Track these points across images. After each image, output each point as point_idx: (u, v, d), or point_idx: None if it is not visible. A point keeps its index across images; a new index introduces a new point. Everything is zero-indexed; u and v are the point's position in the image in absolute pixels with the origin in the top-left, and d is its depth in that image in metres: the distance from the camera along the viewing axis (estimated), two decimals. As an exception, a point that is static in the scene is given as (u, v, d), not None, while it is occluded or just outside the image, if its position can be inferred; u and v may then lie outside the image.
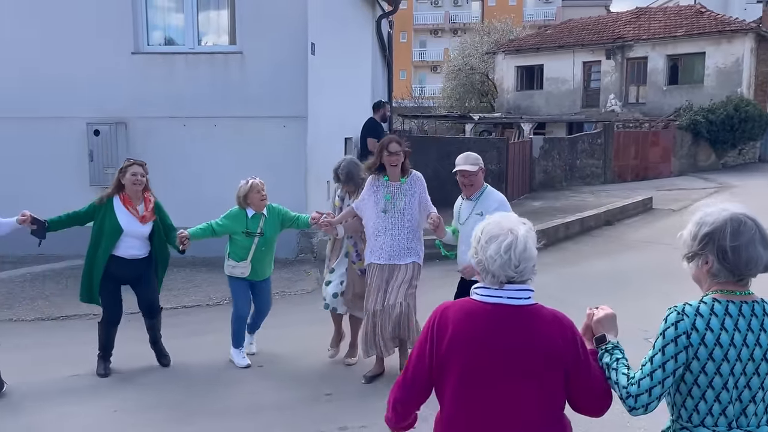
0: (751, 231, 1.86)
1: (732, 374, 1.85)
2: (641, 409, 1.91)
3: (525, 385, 1.91)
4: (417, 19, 55.74)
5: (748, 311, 1.88)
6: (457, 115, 26.68)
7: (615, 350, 2.03)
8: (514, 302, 1.94)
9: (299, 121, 8.88)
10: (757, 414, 1.89)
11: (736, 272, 1.89)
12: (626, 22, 25.45)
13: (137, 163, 5.04)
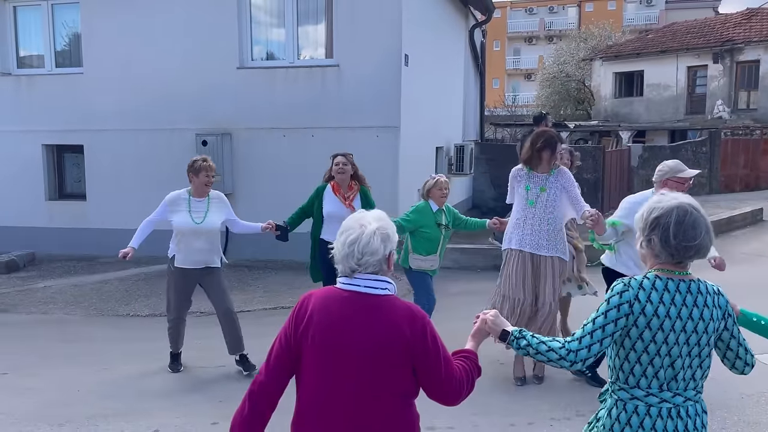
0: (693, 220, 2.07)
1: (666, 343, 2.06)
2: (579, 363, 2.11)
3: (373, 371, 2.02)
4: (511, 27, 55.08)
5: (685, 289, 2.09)
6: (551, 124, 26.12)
7: (523, 333, 2.20)
8: (371, 291, 2.05)
9: (392, 131, 9.10)
10: (685, 379, 2.10)
11: (676, 255, 2.09)
12: (736, 24, 24.04)
13: (341, 153, 5.50)
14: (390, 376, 2.03)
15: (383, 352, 2.01)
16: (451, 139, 12.71)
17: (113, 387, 5.08)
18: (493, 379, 4.89)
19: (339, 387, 2.04)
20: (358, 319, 2.03)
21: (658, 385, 2.10)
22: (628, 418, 2.11)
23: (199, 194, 5.13)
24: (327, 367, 2.05)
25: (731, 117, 22.67)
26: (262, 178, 9.37)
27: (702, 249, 2.08)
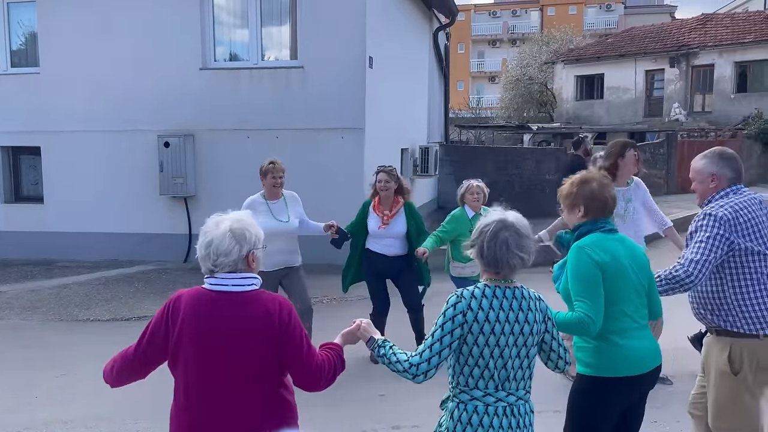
0: (506, 236, 2.28)
1: (498, 345, 2.25)
2: (421, 376, 2.27)
3: (245, 362, 2.15)
4: (475, 30, 55.67)
5: (510, 295, 2.30)
6: (514, 126, 26.51)
7: (385, 343, 2.39)
8: (238, 289, 2.18)
9: (357, 133, 9.12)
10: (516, 379, 2.30)
11: (491, 266, 2.32)
12: (691, 29, 24.76)
13: (384, 170, 5.43)
14: (261, 364, 2.16)
15: (253, 343, 2.14)
16: (416, 141, 12.79)
17: (72, 392, 4.99)
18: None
19: (213, 379, 2.15)
20: (227, 315, 2.15)
21: (494, 386, 2.28)
22: (469, 418, 2.27)
23: (273, 196, 5.21)
24: (201, 363, 2.15)
25: (687, 119, 23.32)
26: (226, 180, 9.29)
27: (509, 264, 2.28)
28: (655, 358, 2.74)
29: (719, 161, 3.07)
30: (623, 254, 2.71)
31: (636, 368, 2.66)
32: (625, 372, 2.65)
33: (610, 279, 2.64)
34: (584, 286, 2.62)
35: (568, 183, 2.83)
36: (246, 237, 2.20)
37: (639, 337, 2.69)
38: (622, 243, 2.77)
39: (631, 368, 2.65)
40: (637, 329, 2.70)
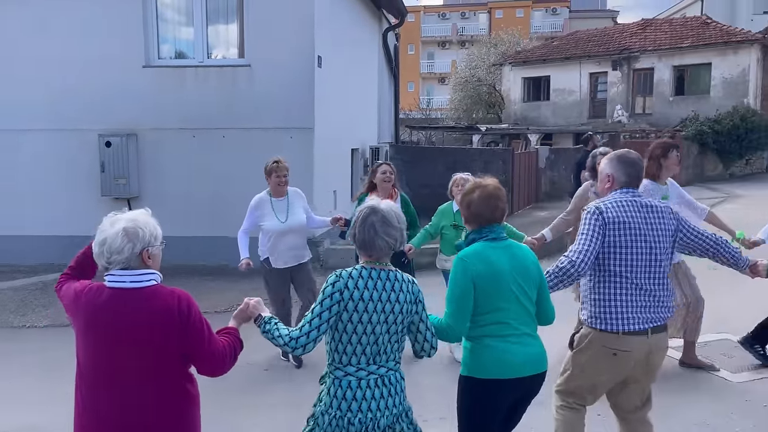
0: (373, 221, 2.52)
1: (370, 322, 2.47)
2: (300, 348, 2.46)
3: (145, 359, 2.24)
4: (424, 31, 56.11)
5: (384, 276, 2.52)
6: (464, 126, 26.84)
7: (270, 320, 2.57)
8: (136, 285, 2.26)
9: (306, 132, 9.03)
10: (387, 352, 2.53)
11: (363, 248, 2.56)
12: (632, 34, 25.57)
13: (385, 162, 5.67)
14: (161, 358, 2.25)
15: (152, 337, 2.22)
16: (366, 141, 12.77)
17: (10, 402, 4.76)
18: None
19: (111, 374, 2.24)
20: (125, 310, 2.22)
21: (366, 360, 2.50)
22: (344, 393, 2.48)
23: (278, 194, 5.35)
24: (98, 357, 2.25)
25: (629, 121, 24.07)
26: (171, 180, 9.07)
27: (377, 246, 2.52)
28: (536, 365, 2.81)
29: (616, 164, 3.20)
30: (506, 263, 2.78)
31: (509, 372, 2.75)
32: (496, 375, 2.75)
33: (485, 288, 2.74)
34: (453, 296, 2.77)
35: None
36: (139, 235, 2.28)
37: (517, 342, 2.77)
38: (508, 251, 2.83)
39: (503, 372, 2.75)
40: (515, 335, 2.77)
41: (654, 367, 3.16)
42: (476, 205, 2.86)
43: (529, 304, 2.82)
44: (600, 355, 3.07)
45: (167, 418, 2.29)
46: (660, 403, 4.41)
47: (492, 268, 2.75)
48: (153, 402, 2.25)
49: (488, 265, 2.75)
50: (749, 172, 21.82)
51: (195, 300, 2.35)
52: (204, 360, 2.32)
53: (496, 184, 2.94)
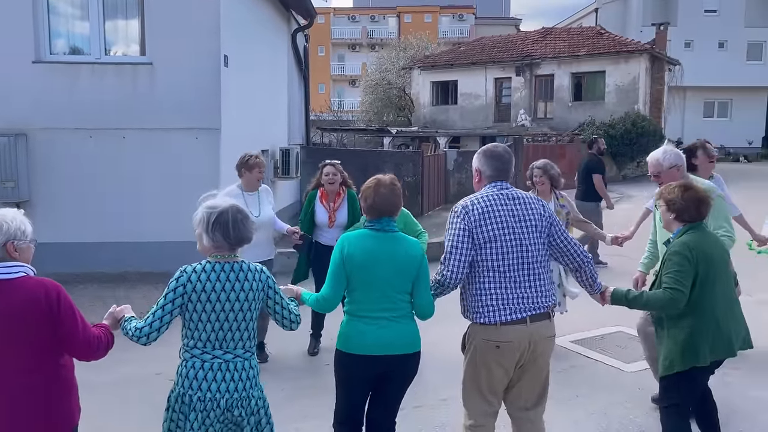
0: (226, 218, 2.72)
1: (214, 311, 2.69)
2: (144, 338, 2.68)
3: (13, 351, 2.36)
4: (335, 33, 56.11)
5: (229, 269, 2.73)
6: (375, 129, 27.03)
7: (131, 318, 2.77)
8: (3, 276, 2.38)
9: (212, 133, 8.77)
10: (234, 339, 2.74)
11: (218, 245, 2.74)
12: (534, 41, 26.68)
13: (330, 163, 5.66)
14: (35, 345, 2.37)
15: (22, 326, 2.34)
16: (276, 143, 12.57)
17: None
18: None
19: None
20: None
21: (212, 346, 2.71)
22: (187, 372, 2.70)
23: (251, 188, 5.33)
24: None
25: (532, 125, 25.10)
26: (66, 183, 8.53)
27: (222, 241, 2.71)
28: (387, 347, 3.05)
29: (482, 159, 3.28)
30: (381, 253, 3.08)
31: (367, 350, 3.05)
32: (351, 349, 3.08)
33: (353, 270, 3.07)
34: (330, 271, 3.13)
35: None
36: (3, 228, 2.39)
37: (371, 324, 3.06)
38: (389, 242, 3.12)
39: (361, 348, 3.06)
40: (371, 318, 3.06)
41: (542, 358, 3.15)
42: (368, 199, 3.14)
43: (396, 293, 3.08)
44: (485, 350, 3.08)
45: (40, 406, 2.40)
46: (562, 395, 4.61)
47: (364, 254, 3.06)
48: (25, 391, 2.36)
49: (361, 251, 3.07)
50: (640, 173, 23.26)
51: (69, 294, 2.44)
52: (79, 345, 2.46)
53: (390, 180, 3.20)
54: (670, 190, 3.44)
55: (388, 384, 3.17)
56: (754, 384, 4.78)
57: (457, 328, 3.33)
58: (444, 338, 4.37)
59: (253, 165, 5.28)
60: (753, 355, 5.22)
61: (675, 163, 4.06)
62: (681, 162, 4.12)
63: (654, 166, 4.13)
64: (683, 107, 32.61)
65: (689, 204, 3.33)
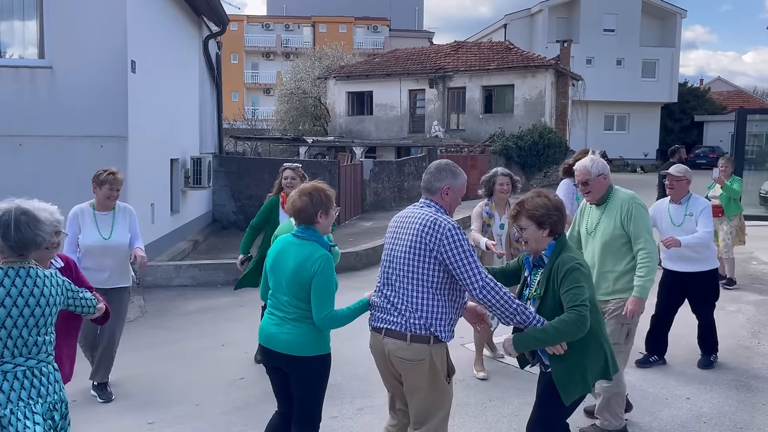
0: (6, 219, 2.63)
1: (10, 316, 2.60)
2: None
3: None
4: (248, 41, 55.25)
5: (24, 274, 2.67)
6: (290, 138, 26.78)
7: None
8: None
9: (118, 141, 8.42)
10: (37, 345, 2.69)
11: (18, 250, 2.66)
12: (446, 54, 27.35)
13: (290, 167, 5.54)
14: None
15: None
16: (187, 151, 12.20)
17: None
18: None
19: None
20: None
21: (11, 354, 2.63)
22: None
23: (104, 208, 4.89)
24: None
25: (445, 136, 25.69)
26: (-46, 194, 7.92)
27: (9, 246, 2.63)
28: (284, 346, 3.20)
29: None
30: (285, 256, 3.25)
31: (260, 338, 3.34)
32: (259, 339, 3.35)
33: (267, 270, 3.36)
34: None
35: None
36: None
37: (267, 319, 3.31)
38: (294, 248, 3.24)
39: (260, 336, 3.34)
40: (270, 315, 3.30)
41: (407, 381, 3.08)
42: (290, 205, 3.28)
43: (290, 297, 3.20)
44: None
45: None
46: (474, 399, 4.72)
47: (275, 257, 3.29)
48: None
49: (275, 254, 3.30)
50: (547, 183, 24.29)
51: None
52: None
53: (310, 188, 3.28)
54: (535, 204, 3.11)
55: (289, 381, 3.31)
56: (654, 382, 5.09)
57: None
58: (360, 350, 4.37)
59: (104, 181, 4.81)
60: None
61: (602, 172, 4.13)
62: (607, 171, 4.20)
63: (582, 173, 4.12)
64: (586, 120, 34.40)
65: (562, 213, 3.15)
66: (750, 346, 5.96)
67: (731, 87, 50.37)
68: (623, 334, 4.07)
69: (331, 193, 3.33)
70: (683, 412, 4.53)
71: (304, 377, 3.25)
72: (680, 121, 39.01)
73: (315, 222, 3.24)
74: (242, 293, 6.61)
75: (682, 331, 6.24)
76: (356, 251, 10.21)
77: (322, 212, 3.25)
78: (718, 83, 50.28)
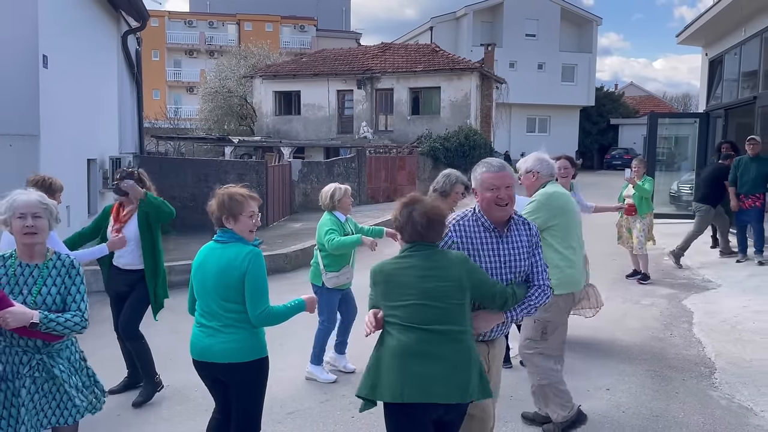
0: None
1: None
2: None
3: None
4: (170, 38, 53.57)
5: None
6: (215, 138, 26.18)
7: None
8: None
9: (29, 140, 7.96)
10: None
11: None
12: (374, 56, 27.46)
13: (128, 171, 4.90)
14: None
15: None
16: (105, 151, 11.69)
17: None
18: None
19: None
20: None
21: None
22: None
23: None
24: None
25: (374, 137, 25.79)
26: None
27: None
28: (205, 354, 3.19)
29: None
30: (208, 263, 3.21)
31: (191, 353, 3.27)
32: (192, 354, 3.27)
33: (193, 279, 3.29)
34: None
35: None
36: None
37: (199, 331, 3.24)
38: (217, 252, 3.20)
39: (192, 351, 3.27)
40: (202, 326, 3.22)
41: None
42: (212, 209, 3.23)
43: (222, 301, 3.14)
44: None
45: None
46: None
47: (199, 264, 3.24)
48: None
49: (199, 261, 3.25)
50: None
51: None
52: None
53: (229, 191, 3.23)
54: (395, 207, 2.92)
55: (229, 391, 3.26)
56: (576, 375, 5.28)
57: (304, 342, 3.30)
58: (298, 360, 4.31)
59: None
60: (575, 346, 5.76)
61: (531, 168, 4.19)
62: (540, 168, 4.17)
63: (518, 171, 4.14)
64: (509, 122, 35.34)
65: (406, 219, 2.85)
66: (663, 338, 6.29)
67: (643, 92, 53.16)
68: (537, 330, 4.12)
69: (240, 198, 3.21)
70: (604, 403, 4.72)
71: (243, 384, 3.21)
72: (597, 123, 40.79)
73: (225, 226, 3.25)
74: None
75: (604, 325, 6.51)
76: (285, 253, 10.08)
77: (230, 217, 3.21)
78: (632, 88, 52.93)
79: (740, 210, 9.12)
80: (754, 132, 10.47)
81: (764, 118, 11.17)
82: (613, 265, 9.38)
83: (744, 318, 6.71)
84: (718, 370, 5.37)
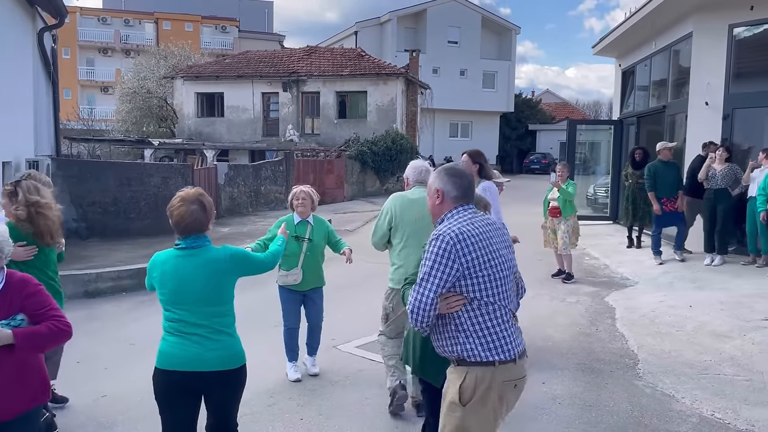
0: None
1: None
2: None
3: None
4: (83, 35, 51.18)
5: None
6: (134, 140, 25.28)
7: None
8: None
9: (-59, 142, 7.46)
10: None
11: None
12: (300, 59, 27.34)
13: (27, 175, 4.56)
14: None
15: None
16: (21, 154, 11.07)
17: None
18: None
19: None
20: None
21: None
22: None
23: None
24: None
25: (300, 140, 25.64)
26: None
27: None
28: (193, 363, 3.01)
29: (444, 177, 2.84)
30: (182, 272, 3.05)
31: (168, 364, 3.04)
32: (159, 364, 3.06)
33: (159, 289, 3.11)
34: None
35: None
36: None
37: (187, 343, 3.03)
38: (190, 260, 3.07)
39: (163, 362, 3.06)
40: (184, 336, 3.04)
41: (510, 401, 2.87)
42: (176, 217, 3.08)
43: (212, 307, 3.06)
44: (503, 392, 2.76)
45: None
46: (350, 399, 4.81)
47: (172, 273, 3.05)
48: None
49: (169, 270, 3.06)
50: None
51: None
52: None
53: (196, 195, 3.13)
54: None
55: (210, 401, 3.16)
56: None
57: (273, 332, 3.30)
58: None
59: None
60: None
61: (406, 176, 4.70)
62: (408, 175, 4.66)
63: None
64: (433, 127, 36.08)
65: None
66: (590, 333, 6.66)
67: (558, 99, 55.59)
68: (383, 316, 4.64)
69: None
70: (540, 395, 4.97)
71: (232, 391, 3.18)
72: (516, 129, 42.30)
73: (206, 229, 3.16)
74: (96, 305, 6.07)
75: (536, 322, 6.82)
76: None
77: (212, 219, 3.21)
78: (547, 95, 55.20)
79: (665, 213, 9.57)
80: (664, 138, 11.23)
81: (672, 126, 12.00)
82: (540, 265, 9.80)
83: (661, 312, 7.20)
84: (641, 362, 5.75)
